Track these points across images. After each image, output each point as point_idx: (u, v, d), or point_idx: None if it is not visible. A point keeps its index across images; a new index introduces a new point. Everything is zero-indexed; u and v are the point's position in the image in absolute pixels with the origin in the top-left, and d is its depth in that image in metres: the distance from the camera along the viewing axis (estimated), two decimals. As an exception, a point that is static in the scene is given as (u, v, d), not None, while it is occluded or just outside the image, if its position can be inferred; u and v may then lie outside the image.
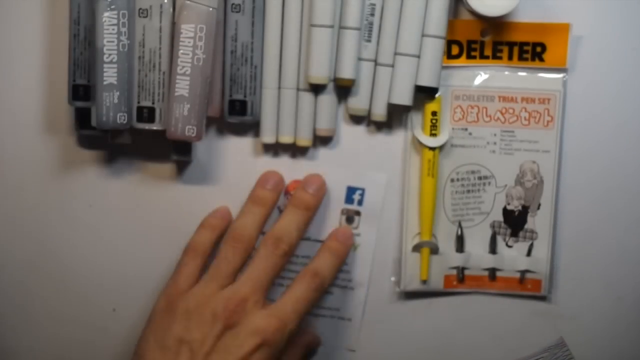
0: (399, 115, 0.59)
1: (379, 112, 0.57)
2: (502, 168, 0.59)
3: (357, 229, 0.59)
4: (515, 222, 0.60)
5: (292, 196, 0.58)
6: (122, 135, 0.57)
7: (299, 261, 0.59)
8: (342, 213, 0.59)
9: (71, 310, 0.61)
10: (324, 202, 0.59)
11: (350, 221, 0.59)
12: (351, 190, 0.59)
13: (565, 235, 0.60)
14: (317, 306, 0.59)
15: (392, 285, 0.61)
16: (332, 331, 0.61)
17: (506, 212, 0.59)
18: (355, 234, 0.59)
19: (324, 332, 0.61)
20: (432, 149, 0.58)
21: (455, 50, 0.58)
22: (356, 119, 0.59)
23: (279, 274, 0.56)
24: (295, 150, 0.59)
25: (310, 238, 0.59)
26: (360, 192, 0.59)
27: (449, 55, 0.57)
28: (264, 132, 0.57)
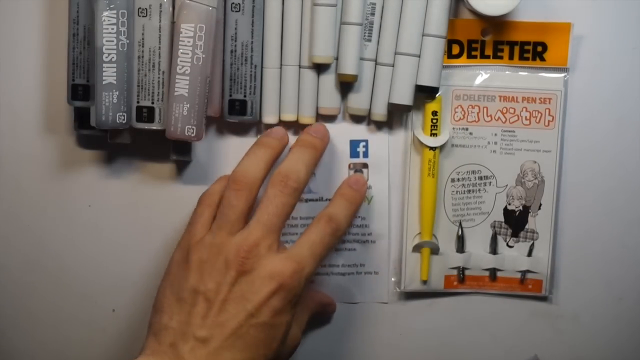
0: (399, 115, 0.58)
1: (380, 111, 0.57)
2: (503, 168, 0.59)
3: (368, 181, 0.59)
4: (516, 222, 0.59)
5: (297, 139, 0.56)
6: (122, 135, 0.57)
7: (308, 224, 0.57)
8: (350, 168, 0.59)
9: (71, 310, 0.61)
10: (330, 160, 0.58)
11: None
12: (355, 143, 0.59)
13: (566, 236, 0.60)
14: (343, 264, 0.59)
15: (393, 285, 0.61)
16: (360, 287, 0.60)
17: (507, 212, 0.59)
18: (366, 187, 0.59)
19: (352, 290, 0.60)
20: (433, 148, 0.57)
21: (455, 49, 0.57)
22: (356, 119, 0.58)
23: (290, 214, 0.53)
24: (299, 128, 0.58)
25: (323, 198, 0.59)
26: (364, 143, 0.59)
27: (449, 55, 0.57)
28: (265, 112, 0.57)
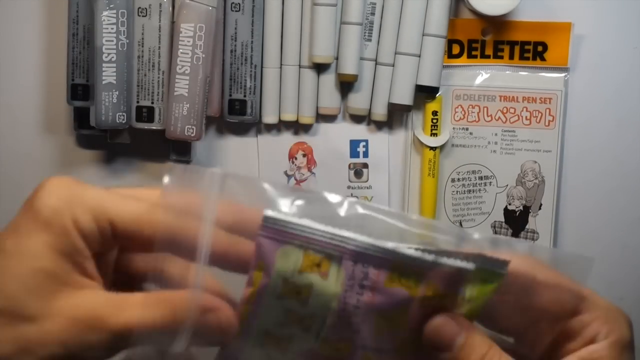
0: (399, 115, 0.58)
1: (380, 111, 0.57)
2: (503, 168, 0.59)
3: (367, 182, 0.59)
4: (516, 222, 0.59)
5: None
6: (121, 135, 0.57)
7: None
8: (350, 168, 0.59)
9: (70, 311, 0.61)
10: (330, 160, 0.58)
11: (359, 175, 0.59)
12: (355, 143, 0.59)
13: (566, 236, 0.60)
14: None
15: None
16: None
17: (507, 212, 0.59)
18: (366, 187, 0.59)
19: None
20: (433, 148, 0.57)
21: (456, 49, 0.57)
22: (356, 119, 0.58)
23: None
24: (299, 128, 0.58)
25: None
26: (364, 143, 0.59)
27: (449, 55, 0.57)
28: (265, 112, 0.57)
